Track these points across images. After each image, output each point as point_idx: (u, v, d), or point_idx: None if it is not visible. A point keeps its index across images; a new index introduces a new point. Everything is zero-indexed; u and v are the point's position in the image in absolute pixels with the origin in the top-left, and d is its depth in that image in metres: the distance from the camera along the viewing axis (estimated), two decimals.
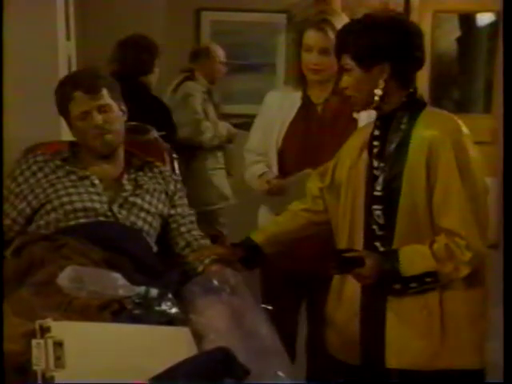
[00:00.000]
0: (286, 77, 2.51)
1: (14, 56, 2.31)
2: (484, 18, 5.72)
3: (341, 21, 2.38)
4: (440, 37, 5.57)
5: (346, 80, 1.89)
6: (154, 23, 3.98)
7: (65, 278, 1.61)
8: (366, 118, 2.42)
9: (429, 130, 1.81)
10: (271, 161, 2.47)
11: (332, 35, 2.33)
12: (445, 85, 5.82)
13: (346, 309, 2.00)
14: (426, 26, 5.31)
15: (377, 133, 1.92)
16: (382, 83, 1.84)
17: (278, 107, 2.49)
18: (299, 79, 2.47)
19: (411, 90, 1.88)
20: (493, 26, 5.64)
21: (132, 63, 3.21)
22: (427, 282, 1.80)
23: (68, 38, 2.92)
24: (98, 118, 2.10)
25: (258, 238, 2.08)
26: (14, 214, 2.11)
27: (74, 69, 3.05)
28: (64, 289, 1.61)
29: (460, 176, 1.77)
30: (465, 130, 1.83)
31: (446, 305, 1.84)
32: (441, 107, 1.99)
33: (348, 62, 1.86)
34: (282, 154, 2.46)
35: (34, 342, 1.37)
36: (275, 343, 1.59)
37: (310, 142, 2.44)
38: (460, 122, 1.85)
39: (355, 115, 2.43)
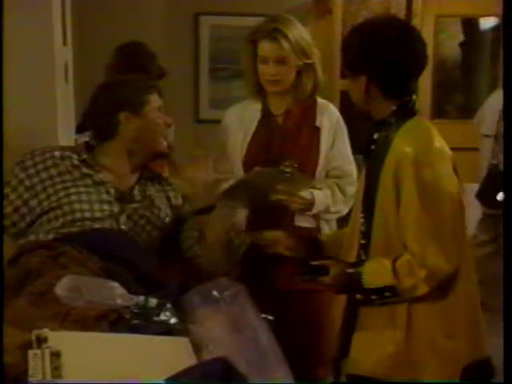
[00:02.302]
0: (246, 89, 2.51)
1: (9, 61, 2.30)
2: (487, 23, 5.70)
3: (293, 29, 2.37)
4: (443, 42, 5.56)
5: (345, 84, 1.94)
6: (152, 28, 3.95)
7: (62, 287, 1.59)
8: (328, 125, 2.42)
9: (400, 144, 1.82)
10: (238, 176, 2.44)
11: (286, 44, 2.33)
12: (448, 90, 5.80)
13: (337, 310, 2.06)
14: (428, 31, 5.30)
15: (376, 136, 1.92)
16: (363, 95, 1.87)
17: (238, 122, 2.48)
18: (258, 91, 2.46)
19: (407, 99, 1.87)
20: (496, 30, 5.62)
21: (125, 70, 3.19)
22: (386, 296, 1.81)
23: (65, 44, 2.91)
24: (169, 119, 2.19)
25: (323, 237, 2.11)
26: (25, 210, 2.05)
27: (70, 75, 3.03)
28: (61, 298, 1.58)
29: (418, 193, 1.76)
30: (436, 146, 1.81)
31: (414, 318, 1.83)
32: (444, 113, 2.00)
33: (344, 67, 1.91)
34: (245, 167, 2.44)
35: (30, 352, 1.35)
36: (275, 353, 1.57)
37: (272, 153, 2.43)
38: (435, 137, 1.83)
39: (318, 123, 2.43)
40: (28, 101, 2.49)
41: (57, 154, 2.12)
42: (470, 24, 5.79)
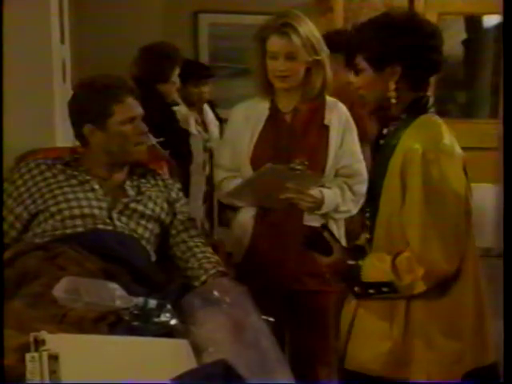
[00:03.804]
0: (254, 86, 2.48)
1: (6, 59, 2.28)
2: (490, 20, 5.67)
3: (304, 24, 2.34)
4: (445, 39, 5.51)
5: (358, 80, 1.86)
6: (150, 26, 3.92)
7: (60, 289, 1.57)
8: (337, 123, 2.40)
9: (409, 140, 1.78)
10: (246, 174, 2.42)
11: (296, 39, 2.30)
12: (450, 89, 5.77)
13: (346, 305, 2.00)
14: None
15: (385, 131, 1.89)
16: (392, 85, 1.81)
17: (245, 120, 2.45)
18: (266, 88, 2.43)
19: (421, 94, 1.84)
20: (499, 28, 5.59)
21: (150, 70, 3.19)
22: (384, 291, 1.79)
23: (62, 41, 2.89)
24: (144, 126, 2.12)
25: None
26: (11, 218, 2.07)
27: (68, 73, 3.01)
28: (59, 300, 1.57)
29: (423, 190, 1.73)
30: (446, 143, 1.77)
31: (413, 315, 1.81)
32: (446, 112, 1.95)
33: (360, 62, 1.83)
34: (253, 165, 2.41)
35: (28, 355, 1.34)
36: (276, 355, 1.56)
37: (280, 151, 2.40)
38: (445, 135, 1.79)
39: (326, 122, 2.40)
40: (25, 99, 2.47)
41: (41, 161, 2.15)
42: (472, 22, 5.75)
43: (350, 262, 1.84)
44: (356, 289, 1.84)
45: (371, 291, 1.81)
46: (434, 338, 1.80)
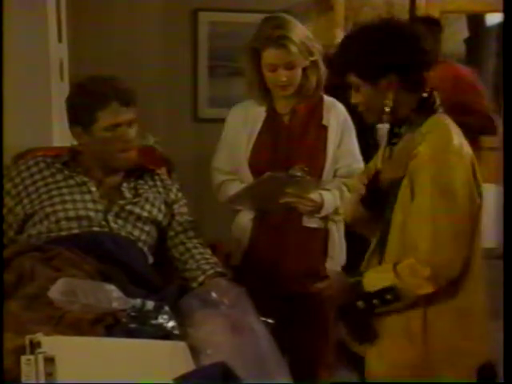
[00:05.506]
0: (249, 93, 2.47)
1: (4, 58, 2.27)
2: (493, 19, 5.64)
3: (297, 30, 2.33)
4: (447, 38, 5.48)
5: (355, 97, 1.85)
6: (149, 24, 3.90)
7: (56, 290, 1.57)
8: (336, 123, 2.38)
9: (419, 142, 1.77)
10: (244, 176, 2.42)
11: (294, 48, 2.30)
12: None
13: None
14: None
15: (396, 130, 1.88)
16: (391, 95, 1.80)
17: (243, 122, 2.44)
18: (264, 96, 2.42)
19: (424, 95, 1.83)
20: (502, 26, 5.56)
21: None
22: (388, 299, 1.78)
23: (60, 40, 2.87)
24: (129, 133, 2.07)
25: None
26: (11, 217, 2.06)
27: (66, 72, 3.00)
28: (55, 302, 1.56)
29: (431, 193, 1.73)
30: (454, 145, 1.76)
31: (430, 327, 1.80)
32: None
33: (354, 79, 1.82)
34: (251, 167, 2.41)
35: (23, 358, 1.33)
36: (275, 357, 1.55)
37: (279, 152, 2.40)
38: (454, 136, 1.78)
39: (325, 122, 2.38)
40: (23, 98, 2.46)
41: (40, 159, 2.14)
42: (475, 20, 5.73)
43: (351, 280, 1.83)
44: (360, 303, 1.82)
45: (375, 301, 1.79)
46: (454, 344, 1.80)
